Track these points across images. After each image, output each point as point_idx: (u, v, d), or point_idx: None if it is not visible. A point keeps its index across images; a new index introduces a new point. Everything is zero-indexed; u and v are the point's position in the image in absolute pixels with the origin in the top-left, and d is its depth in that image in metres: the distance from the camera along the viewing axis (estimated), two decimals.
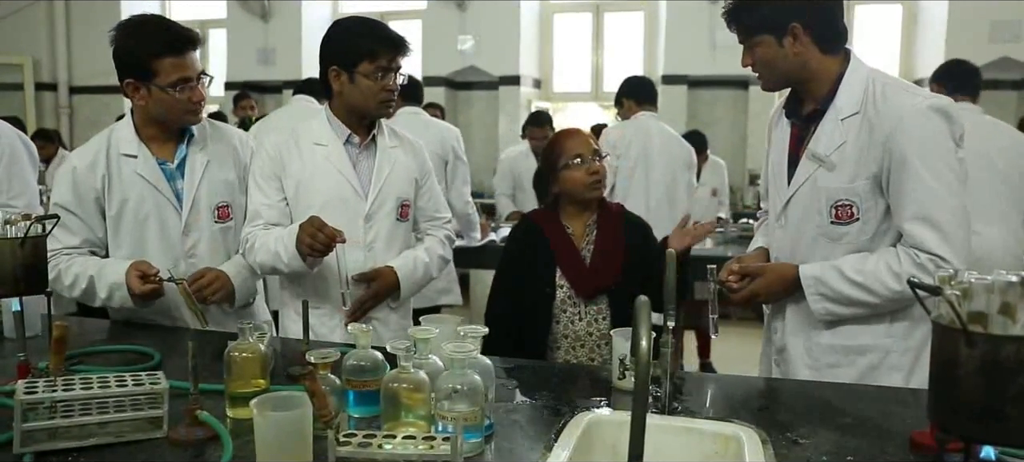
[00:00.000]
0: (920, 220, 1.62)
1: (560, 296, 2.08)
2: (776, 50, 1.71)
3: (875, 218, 1.70)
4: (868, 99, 1.68)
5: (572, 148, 2.09)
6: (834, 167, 1.70)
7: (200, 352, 1.33)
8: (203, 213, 2.09)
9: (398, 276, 2.11)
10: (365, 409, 1.40)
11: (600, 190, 2.12)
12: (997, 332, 0.97)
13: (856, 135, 1.68)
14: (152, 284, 1.92)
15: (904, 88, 1.71)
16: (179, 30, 1.99)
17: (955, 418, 1.01)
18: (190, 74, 1.96)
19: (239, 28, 8.07)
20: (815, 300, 1.73)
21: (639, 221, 2.23)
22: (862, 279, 1.68)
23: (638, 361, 0.89)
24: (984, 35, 6.17)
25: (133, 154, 2.04)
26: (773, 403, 1.56)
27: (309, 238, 1.88)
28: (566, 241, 2.11)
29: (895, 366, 1.75)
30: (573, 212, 2.14)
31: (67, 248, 2.02)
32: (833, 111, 1.72)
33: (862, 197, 1.69)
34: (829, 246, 1.74)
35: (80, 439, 1.27)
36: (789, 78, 1.76)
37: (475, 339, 1.33)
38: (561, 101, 8.22)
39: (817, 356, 1.80)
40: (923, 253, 1.62)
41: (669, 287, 1.47)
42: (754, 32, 1.72)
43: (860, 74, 1.71)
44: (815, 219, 1.75)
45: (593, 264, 2.08)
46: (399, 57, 2.04)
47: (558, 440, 1.33)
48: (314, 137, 2.11)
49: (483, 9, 7.39)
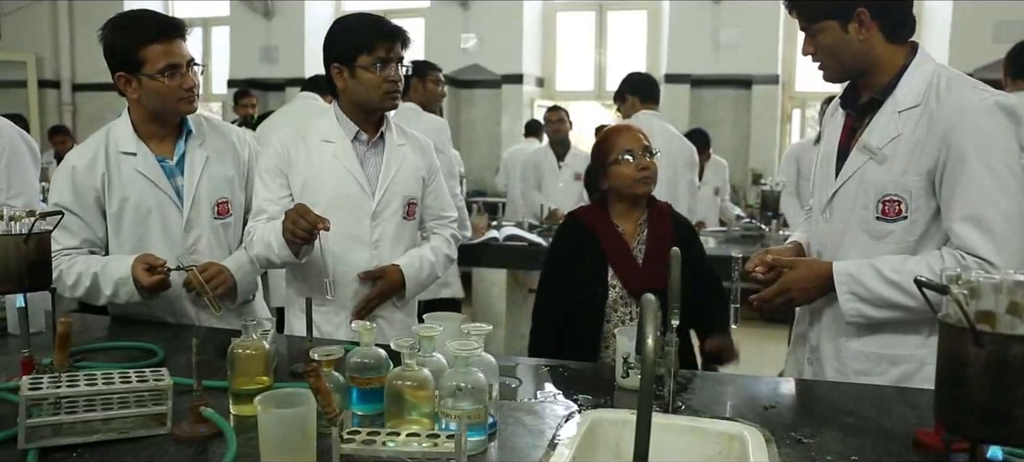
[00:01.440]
0: (970, 221, 1.53)
1: (612, 295, 2.08)
2: (840, 37, 1.62)
3: (924, 218, 1.61)
4: (931, 92, 1.60)
5: (622, 144, 2.11)
6: (885, 160, 1.62)
7: (204, 349, 1.33)
8: (203, 209, 2.09)
9: (404, 275, 2.11)
10: (369, 406, 1.40)
11: (649, 186, 2.12)
12: (1005, 331, 0.97)
13: (913, 128, 1.60)
14: (159, 275, 1.91)
15: (972, 84, 1.62)
16: (163, 18, 2.00)
17: (962, 418, 1.00)
18: (178, 60, 1.96)
19: (242, 26, 8.08)
20: (846, 299, 1.65)
21: (684, 220, 2.27)
22: (900, 279, 1.58)
23: (644, 359, 0.88)
24: (988, 35, 6.16)
25: (132, 151, 2.03)
26: (778, 403, 1.55)
27: (291, 224, 1.87)
28: (618, 240, 2.11)
29: (929, 379, 1.67)
30: (623, 209, 2.15)
31: (67, 249, 2.01)
32: (891, 102, 1.64)
33: (912, 194, 1.60)
34: (872, 244, 1.65)
35: (84, 435, 1.27)
36: (853, 67, 1.68)
37: (479, 337, 1.32)
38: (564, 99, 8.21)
39: (846, 362, 1.73)
40: (970, 257, 1.53)
41: (674, 286, 1.47)
42: (818, 17, 1.64)
43: (926, 67, 1.64)
44: (860, 214, 1.66)
45: (645, 263, 2.08)
46: (397, 47, 2.03)
47: (561, 438, 1.33)
48: (322, 134, 2.11)
49: (486, 7, 7.40)
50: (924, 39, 6.75)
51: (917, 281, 1.04)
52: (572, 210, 2.35)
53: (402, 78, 2.07)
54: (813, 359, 1.82)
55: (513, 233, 4.31)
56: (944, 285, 1.00)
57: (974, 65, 6.23)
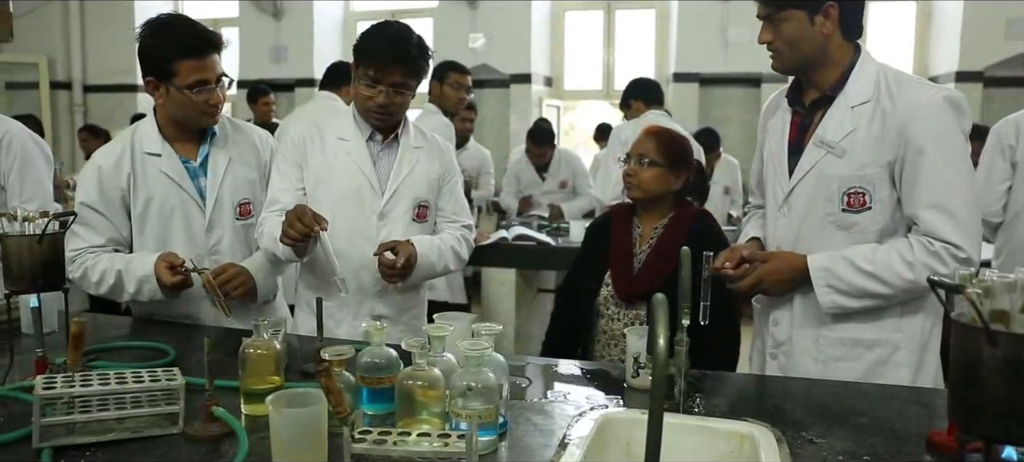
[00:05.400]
0: (935, 208, 1.62)
1: (603, 293, 2.11)
2: (805, 28, 1.69)
3: (888, 207, 1.69)
4: (880, 89, 1.69)
5: (633, 148, 2.14)
6: (844, 153, 1.69)
7: (215, 349, 1.34)
8: (226, 210, 2.12)
9: (416, 249, 2.02)
10: (379, 406, 1.40)
11: (634, 192, 2.12)
12: (1019, 331, 0.96)
13: (868, 123, 1.68)
14: (181, 275, 1.93)
15: (917, 81, 1.73)
16: (202, 32, 2.00)
17: (976, 418, 1.00)
18: (209, 77, 1.98)
19: (251, 27, 8.12)
20: (824, 292, 1.70)
21: (710, 233, 2.08)
22: (874, 269, 1.66)
23: (655, 359, 0.88)
24: (999, 32, 6.12)
25: (157, 152, 2.06)
26: (786, 402, 1.55)
27: (287, 225, 1.87)
28: (624, 241, 2.13)
29: (903, 363, 1.74)
30: (645, 211, 2.16)
31: (92, 247, 2.04)
32: (843, 98, 1.71)
33: (875, 186, 1.68)
34: (837, 234, 1.72)
35: (98, 434, 1.28)
36: (808, 60, 1.74)
37: (490, 337, 1.32)
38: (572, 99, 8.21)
39: (824, 349, 1.78)
40: (937, 241, 1.62)
41: (684, 285, 1.46)
42: (786, 5, 1.69)
43: (871, 65, 1.72)
44: (824, 207, 1.73)
45: (641, 269, 2.08)
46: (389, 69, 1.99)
47: (572, 438, 1.33)
48: (338, 132, 2.13)
49: (494, 7, 7.39)
50: (935, 37, 6.71)
51: (930, 281, 1.04)
52: (613, 205, 2.40)
53: (388, 93, 2.01)
54: (777, 353, 1.86)
55: (522, 233, 4.31)
56: (958, 285, 0.99)
57: (986, 62, 6.20)
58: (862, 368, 1.75)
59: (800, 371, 1.80)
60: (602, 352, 2.11)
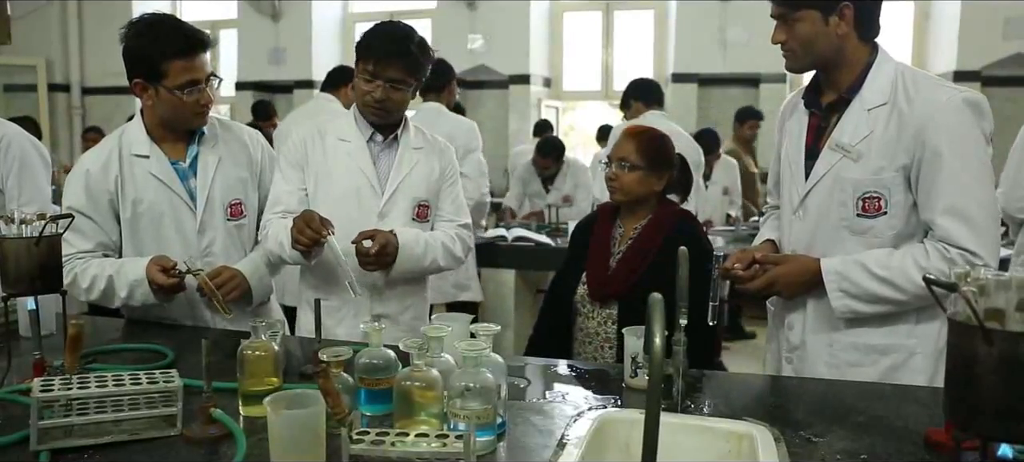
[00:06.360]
0: (951, 213, 1.59)
1: (580, 292, 2.12)
2: (820, 28, 1.66)
3: (903, 212, 1.66)
4: (897, 90, 1.65)
5: (614, 150, 2.14)
6: (859, 157, 1.66)
7: (213, 351, 1.34)
8: (217, 211, 2.10)
9: (398, 240, 2.01)
10: (378, 407, 1.40)
11: (616, 195, 2.12)
12: (1015, 329, 0.96)
13: (884, 126, 1.64)
14: (174, 277, 1.92)
15: (935, 82, 1.68)
16: (190, 31, 1.98)
17: (972, 416, 1.00)
18: (199, 76, 1.96)
19: (250, 28, 8.11)
20: (837, 297, 1.68)
21: (691, 237, 1.99)
22: (888, 274, 1.63)
23: (652, 358, 0.88)
24: (998, 32, 6.12)
25: (145, 154, 2.04)
26: (786, 401, 1.55)
27: (297, 232, 1.88)
28: (602, 240, 2.14)
29: (918, 369, 1.71)
30: (628, 211, 2.16)
31: (81, 252, 2.01)
32: (859, 101, 1.68)
33: (891, 190, 1.65)
34: (852, 239, 1.70)
35: (95, 436, 1.28)
36: (822, 60, 1.71)
37: (487, 337, 1.33)
38: (571, 100, 8.21)
39: (838, 354, 1.75)
40: (953, 248, 1.59)
41: (682, 285, 1.46)
42: (800, 5, 1.66)
43: (889, 66, 1.69)
44: (839, 212, 1.70)
45: (615, 268, 2.09)
46: (387, 64, 2.00)
47: (570, 438, 1.33)
48: (339, 132, 2.14)
49: (493, 8, 7.40)
50: (933, 36, 6.71)
51: (926, 279, 1.04)
52: (601, 204, 2.41)
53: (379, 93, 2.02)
54: (792, 357, 1.84)
55: (521, 234, 4.31)
56: (953, 283, 1.00)
57: (984, 62, 6.20)
58: (876, 374, 1.72)
59: (814, 375, 1.77)
60: (579, 350, 2.13)
